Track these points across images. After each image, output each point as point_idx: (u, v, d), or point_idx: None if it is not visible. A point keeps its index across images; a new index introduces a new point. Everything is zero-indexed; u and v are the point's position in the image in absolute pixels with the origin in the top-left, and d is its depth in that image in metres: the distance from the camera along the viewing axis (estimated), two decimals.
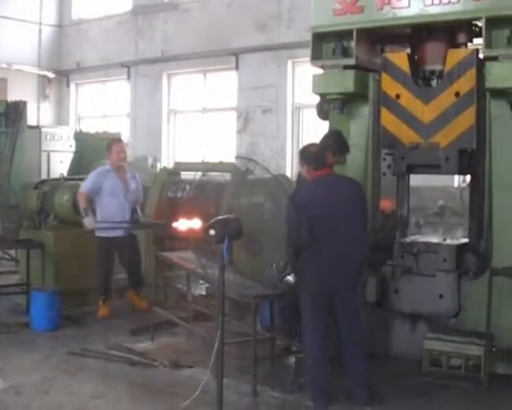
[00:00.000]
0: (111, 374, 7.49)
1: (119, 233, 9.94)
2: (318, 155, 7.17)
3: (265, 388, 7.01)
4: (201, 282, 10.66)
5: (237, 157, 10.63)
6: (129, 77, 18.72)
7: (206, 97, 17.44)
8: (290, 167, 15.35)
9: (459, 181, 13.56)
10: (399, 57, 8.12)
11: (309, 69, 8.80)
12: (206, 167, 10.97)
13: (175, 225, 7.21)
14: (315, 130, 12.68)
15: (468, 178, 9.24)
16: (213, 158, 13.60)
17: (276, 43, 15.69)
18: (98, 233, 9.86)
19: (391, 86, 8.07)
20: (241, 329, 8.09)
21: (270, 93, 15.91)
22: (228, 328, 7.13)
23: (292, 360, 7.61)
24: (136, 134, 18.20)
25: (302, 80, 15.28)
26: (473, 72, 7.63)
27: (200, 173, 10.83)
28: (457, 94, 7.71)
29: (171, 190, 10.76)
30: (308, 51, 8.48)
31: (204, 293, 10.39)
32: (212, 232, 6.08)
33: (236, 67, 16.45)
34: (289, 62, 15.75)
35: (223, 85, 17.10)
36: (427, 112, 7.89)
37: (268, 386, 7.06)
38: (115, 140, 10.55)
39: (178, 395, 6.71)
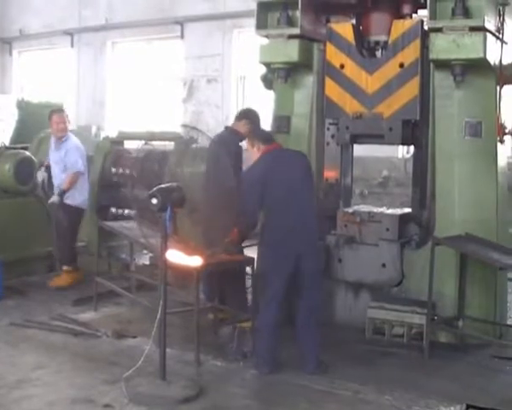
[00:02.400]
0: (54, 345, 7.39)
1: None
2: (266, 132, 7.43)
3: (208, 357, 7.00)
4: (145, 252, 10.60)
5: (181, 126, 10.49)
6: (72, 45, 18.43)
7: (150, 66, 17.24)
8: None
9: (403, 152, 13.68)
10: (344, 28, 8.13)
11: (254, 39, 8.75)
12: (149, 136, 10.87)
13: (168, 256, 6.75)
14: (259, 99, 12.71)
15: (412, 148, 9.33)
16: (158, 127, 13.48)
17: (222, 12, 15.61)
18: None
19: (335, 56, 8.09)
20: (185, 298, 8.05)
21: (216, 62, 15.85)
22: (171, 297, 7.07)
23: (234, 329, 7.57)
24: (79, 103, 17.95)
25: (247, 50, 15.25)
26: (417, 43, 7.68)
27: (143, 142, 10.77)
28: (401, 65, 7.76)
29: (115, 160, 10.63)
30: (253, 21, 8.44)
31: (147, 263, 10.32)
32: (154, 201, 6.04)
33: (181, 36, 16.32)
34: (235, 31, 15.69)
35: (168, 54, 16.93)
36: (371, 82, 7.92)
37: (211, 355, 7.05)
38: (55, 110, 10.36)
39: (121, 364, 6.65)
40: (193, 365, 6.82)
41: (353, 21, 8.41)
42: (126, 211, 10.30)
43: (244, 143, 8.06)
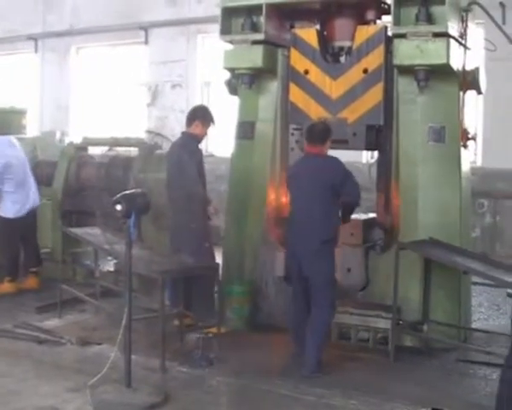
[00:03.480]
0: (17, 353, 7.30)
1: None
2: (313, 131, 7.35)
3: (174, 363, 6.96)
4: (109, 258, 10.53)
5: (145, 132, 10.49)
6: (36, 50, 18.25)
7: (115, 72, 17.15)
8: None
9: (367, 157, 13.71)
10: (308, 33, 8.15)
11: (219, 44, 8.75)
12: (113, 142, 10.85)
13: None
14: (224, 105, 12.70)
15: (376, 153, 9.38)
16: (122, 132, 13.41)
17: (186, 18, 15.53)
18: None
19: (299, 62, 8.11)
20: (150, 305, 8.01)
21: (180, 68, 15.81)
22: (136, 304, 7.05)
23: (199, 335, 7.54)
24: (43, 108, 17.79)
25: (212, 55, 15.24)
26: (381, 49, 7.73)
27: (107, 148, 10.75)
28: (365, 70, 7.81)
29: (79, 166, 10.56)
30: (217, 26, 8.44)
31: (112, 269, 10.25)
32: (118, 207, 6.00)
33: (146, 42, 16.24)
34: (199, 37, 15.65)
35: (132, 60, 16.85)
36: (335, 88, 7.95)
37: (176, 362, 7.00)
38: None
39: (86, 372, 6.58)
40: (158, 372, 6.78)
41: (317, 27, 8.43)
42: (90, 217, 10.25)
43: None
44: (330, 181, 7.06)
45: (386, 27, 7.80)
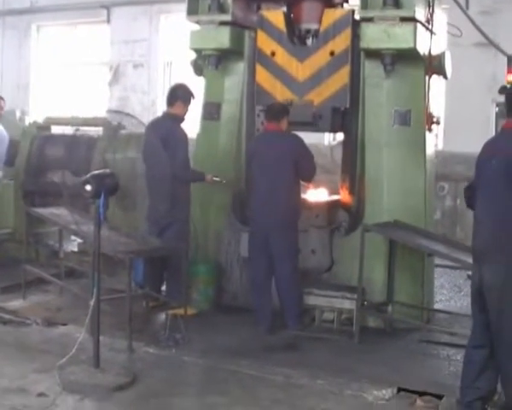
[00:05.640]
0: None
1: None
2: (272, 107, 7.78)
3: (140, 344, 6.95)
4: (73, 238, 10.47)
5: (110, 111, 10.40)
6: None
7: (76, 51, 16.95)
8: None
9: (329, 139, 13.81)
10: (275, 15, 8.17)
11: (182, 24, 8.71)
12: (77, 122, 10.75)
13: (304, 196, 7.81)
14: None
15: (339, 136, 9.47)
16: (83, 112, 13.31)
17: None
18: None
19: (266, 43, 8.12)
20: (114, 285, 7.98)
21: (142, 47, 15.70)
22: (101, 285, 7.02)
23: (166, 315, 7.55)
24: (2, 87, 17.51)
25: (174, 35, 15.17)
26: (348, 32, 7.77)
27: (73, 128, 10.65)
28: (332, 53, 7.85)
29: (41, 145, 10.45)
30: (180, 6, 8.43)
31: (76, 249, 10.18)
32: (88, 187, 5.97)
33: (108, 21, 16.08)
34: (162, 17, 15.53)
35: (94, 39, 16.68)
36: (301, 70, 7.98)
37: (143, 342, 7.01)
38: None
39: (53, 353, 6.56)
40: (125, 352, 6.77)
41: (284, 9, 8.44)
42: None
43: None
44: (291, 155, 7.48)
45: (353, 11, 7.84)
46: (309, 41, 8.15)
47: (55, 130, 11.07)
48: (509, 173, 5.23)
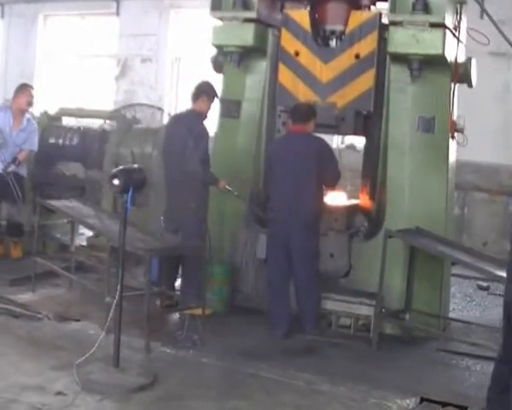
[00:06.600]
0: None
1: None
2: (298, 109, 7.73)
3: (157, 343, 6.85)
4: (81, 232, 10.38)
5: (131, 105, 10.27)
6: (3, 16, 17.75)
7: (83, 42, 16.77)
8: (168, 118, 15.03)
9: (338, 142, 13.68)
10: (301, 15, 8.09)
11: (191, 20, 8.59)
12: (90, 114, 10.64)
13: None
14: (194, 81, 12.51)
15: (347, 139, 9.42)
16: (88, 105, 13.15)
17: None
18: None
19: (290, 43, 8.03)
20: (127, 282, 7.85)
21: (151, 42, 15.51)
22: (112, 280, 6.93)
23: (183, 315, 7.45)
24: (7, 76, 17.32)
25: (183, 31, 15.04)
26: (374, 35, 7.70)
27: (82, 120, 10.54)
28: (357, 56, 7.78)
29: (53, 136, 10.34)
30: (192, 2, 8.33)
31: (85, 243, 10.07)
32: (115, 182, 5.85)
33: (117, 13, 15.92)
34: (172, 11, 15.34)
35: (102, 31, 16.51)
36: (325, 71, 7.90)
37: (159, 342, 6.90)
38: (28, 85, 10.33)
39: (68, 349, 6.47)
40: (142, 352, 6.66)
41: (308, 9, 8.34)
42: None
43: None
44: (316, 157, 7.41)
45: (380, 14, 7.75)
46: (332, 42, 8.06)
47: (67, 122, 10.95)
48: None
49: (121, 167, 6.03)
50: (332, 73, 7.87)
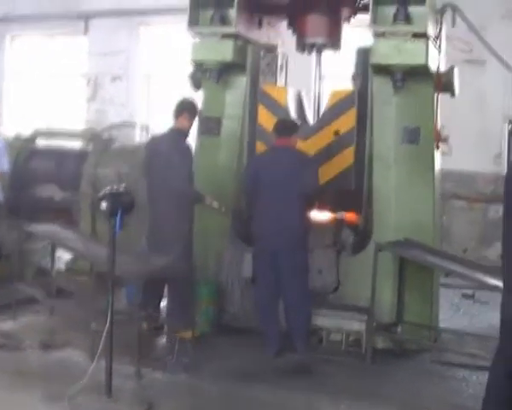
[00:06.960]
0: None
1: None
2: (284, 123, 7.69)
3: (147, 369, 6.65)
4: (59, 256, 10.15)
5: (115, 125, 10.12)
6: None
7: (52, 62, 16.51)
8: (139, 136, 14.83)
9: None
10: (278, 91, 8.30)
11: (160, 36, 8.46)
12: (66, 135, 10.48)
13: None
14: (164, 98, 12.38)
15: None
16: (60, 124, 12.97)
17: (128, 8, 14.99)
18: None
19: (267, 119, 8.15)
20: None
21: (120, 60, 15.32)
22: (96, 305, 6.76)
23: (172, 339, 7.28)
24: None
25: (153, 48, 14.91)
26: (353, 111, 7.90)
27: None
28: (336, 133, 8.00)
29: (28, 158, 10.14)
30: (161, 18, 8.21)
31: (63, 267, 9.85)
32: (103, 205, 5.69)
33: (85, 32, 15.72)
34: (141, 28, 15.19)
35: (71, 50, 16.27)
36: (304, 148, 7.78)
37: (150, 367, 6.70)
38: None
39: (57, 379, 6.29)
40: (133, 378, 6.46)
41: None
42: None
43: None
44: (299, 169, 7.24)
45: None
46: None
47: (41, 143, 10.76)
48: None
49: (109, 190, 5.84)
50: (312, 149, 7.87)
